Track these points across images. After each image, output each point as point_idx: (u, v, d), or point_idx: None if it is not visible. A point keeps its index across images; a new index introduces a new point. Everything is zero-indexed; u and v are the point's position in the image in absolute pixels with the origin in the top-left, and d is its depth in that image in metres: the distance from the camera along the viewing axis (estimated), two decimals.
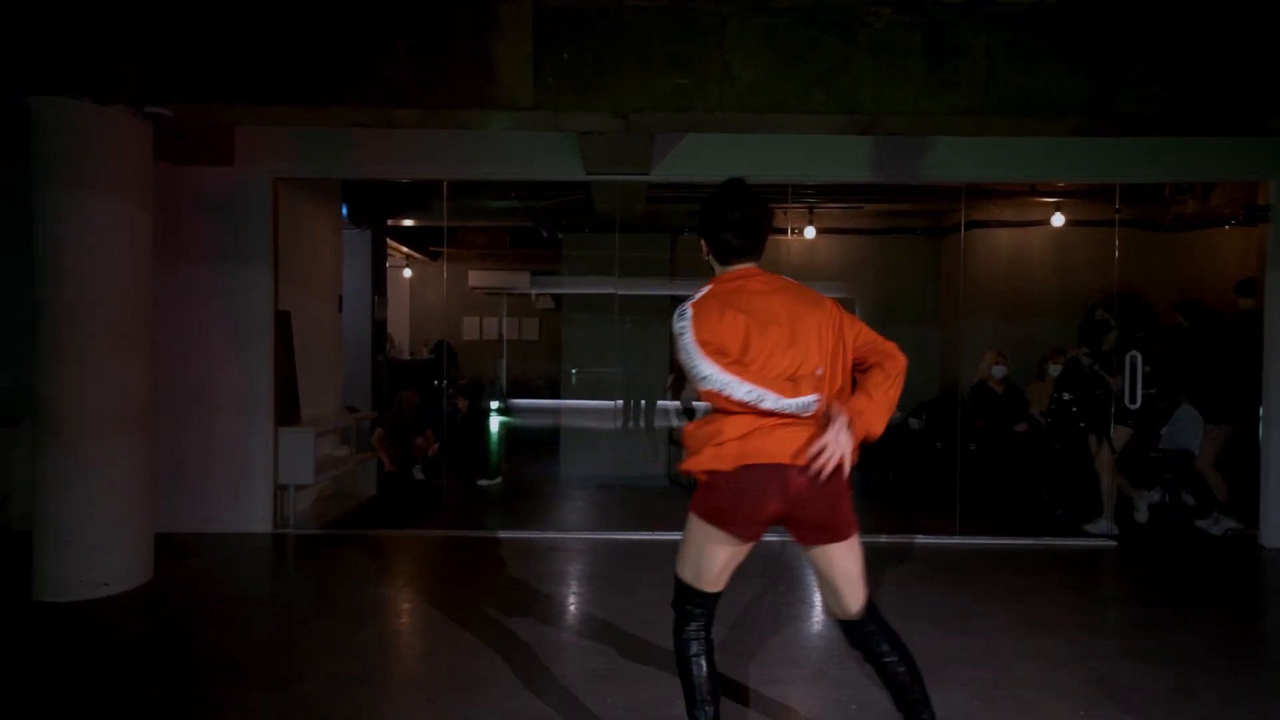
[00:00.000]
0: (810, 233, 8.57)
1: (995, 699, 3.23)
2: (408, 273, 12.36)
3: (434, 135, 5.76)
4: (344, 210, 7.66)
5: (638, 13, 4.30)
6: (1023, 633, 3.96)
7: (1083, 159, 5.74)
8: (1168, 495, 6.49)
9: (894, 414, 2.34)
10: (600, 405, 7.79)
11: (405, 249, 11.05)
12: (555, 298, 10.90)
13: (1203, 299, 6.95)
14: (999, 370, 7.28)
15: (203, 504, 5.73)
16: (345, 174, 6.33)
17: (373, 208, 8.59)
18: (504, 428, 8.55)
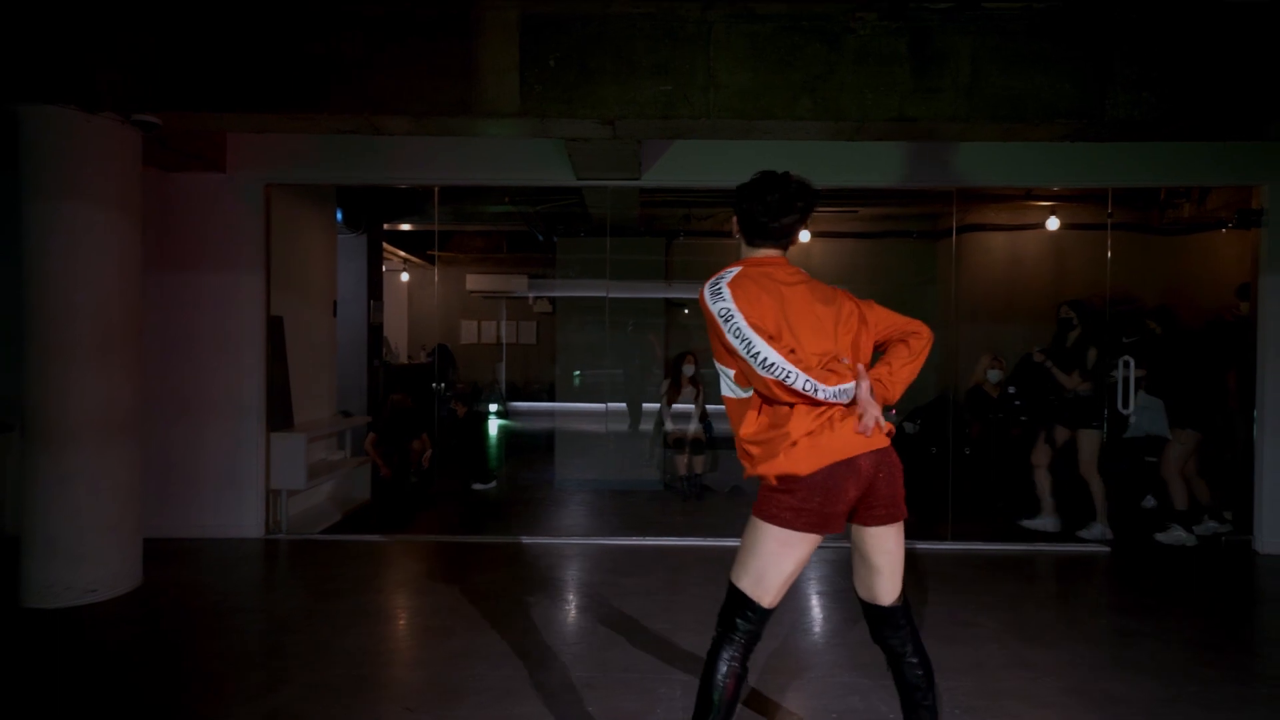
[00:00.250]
0: (805, 236, 8.55)
1: (976, 709, 3.21)
2: (405, 277, 12.38)
3: (426, 141, 5.76)
4: (339, 215, 7.67)
5: (622, 20, 4.30)
6: (1009, 642, 3.94)
7: (1075, 163, 5.72)
8: (1152, 499, 6.47)
9: (889, 418, 2.36)
10: (603, 409, 7.80)
11: (403, 253, 11.07)
12: (551, 301, 10.92)
13: (1177, 305, 6.96)
14: (994, 374, 7.27)
15: (194, 509, 5.73)
16: (337, 180, 6.34)
17: (368, 212, 8.60)
18: (501, 431, 8.56)
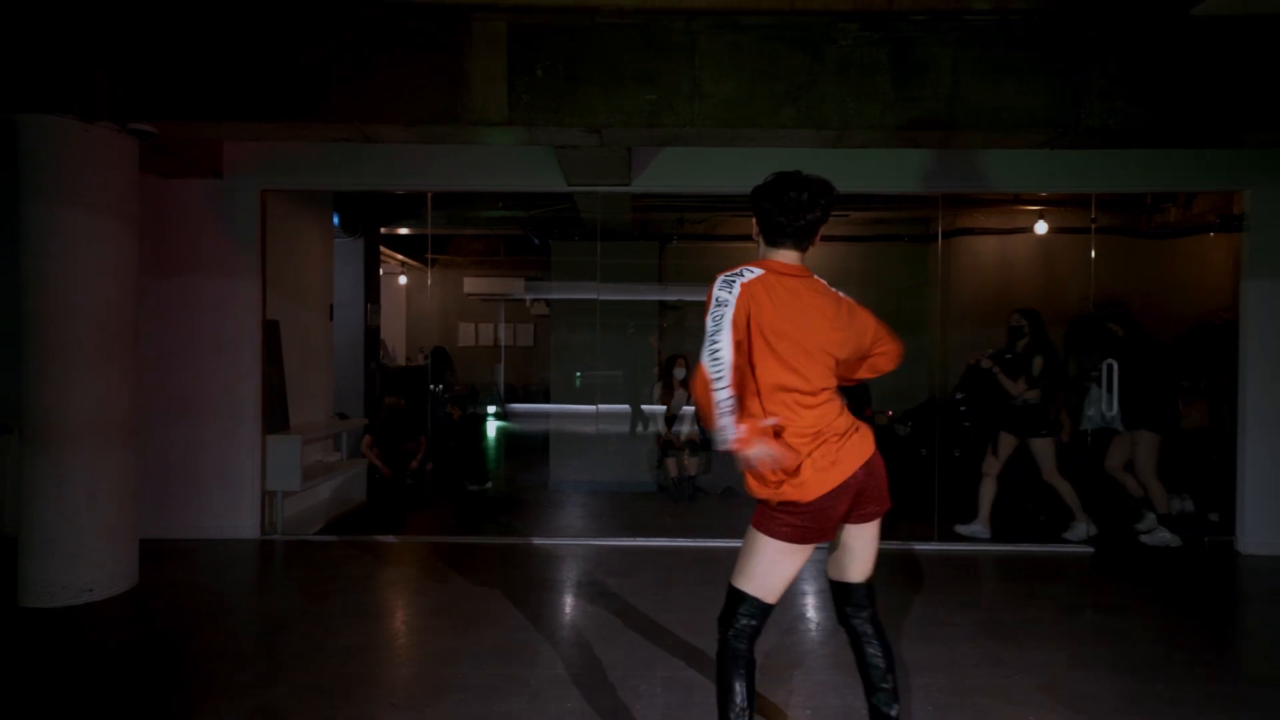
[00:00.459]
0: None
1: (947, 705, 3.29)
2: (403, 280, 12.47)
3: (420, 148, 5.85)
4: (335, 219, 7.76)
5: (608, 31, 4.39)
6: (985, 640, 4.01)
7: (1059, 169, 5.79)
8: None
9: (880, 419, 2.45)
10: (607, 410, 7.89)
11: (400, 256, 11.16)
12: (548, 304, 11.01)
13: (1162, 308, 7.06)
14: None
15: (191, 510, 5.82)
16: (332, 185, 6.42)
17: (365, 216, 8.69)
18: (499, 432, 8.64)
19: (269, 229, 6.02)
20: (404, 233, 10.05)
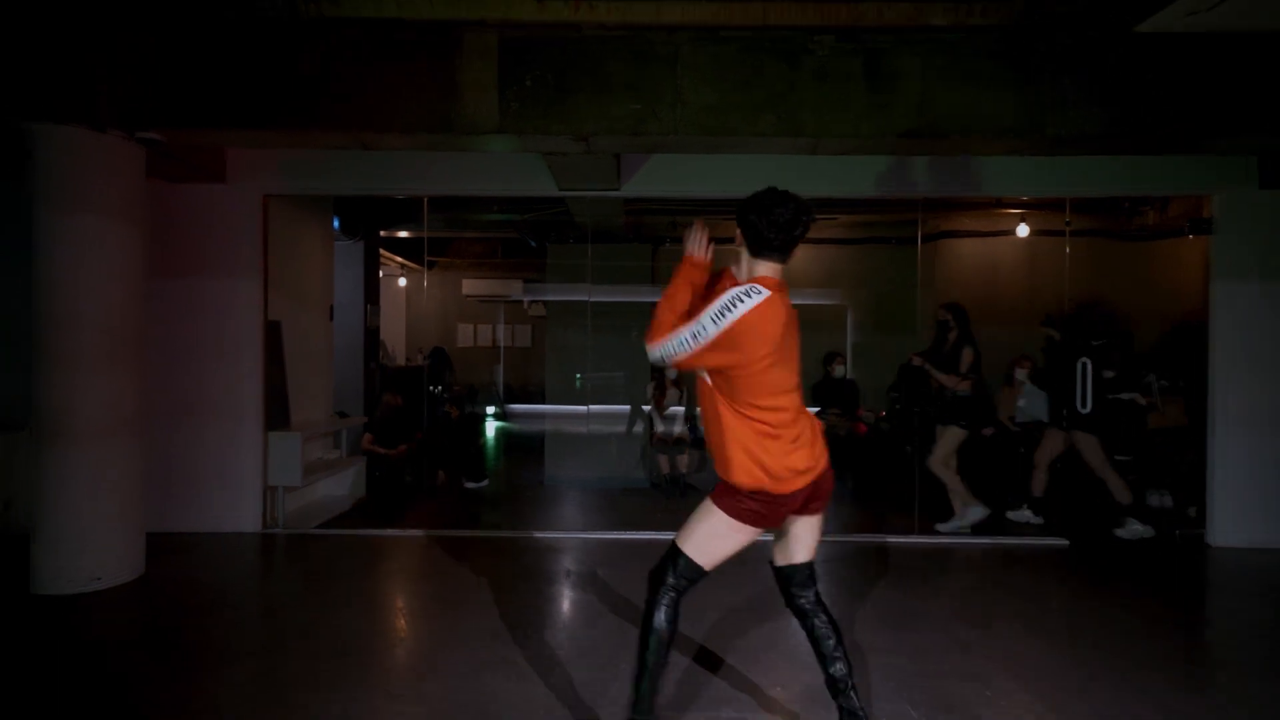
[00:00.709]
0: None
1: (911, 685, 3.48)
2: (402, 282, 12.67)
3: (417, 154, 6.04)
4: (336, 223, 7.96)
5: (595, 42, 4.58)
6: (953, 626, 4.20)
7: (1033, 174, 5.98)
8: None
9: (869, 418, 2.61)
10: (599, 410, 8.08)
11: (400, 259, 11.36)
12: (545, 305, 11.20)
13: (1140, 309, 7.24)
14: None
15: (195, 505, 6.02)
16: (332, 190, 6.63)
17: (365, 220, 8.90)
18: (497, 432, 8.83)
19: (271, 232, 6.22)
20: (403, 236, 10.26)
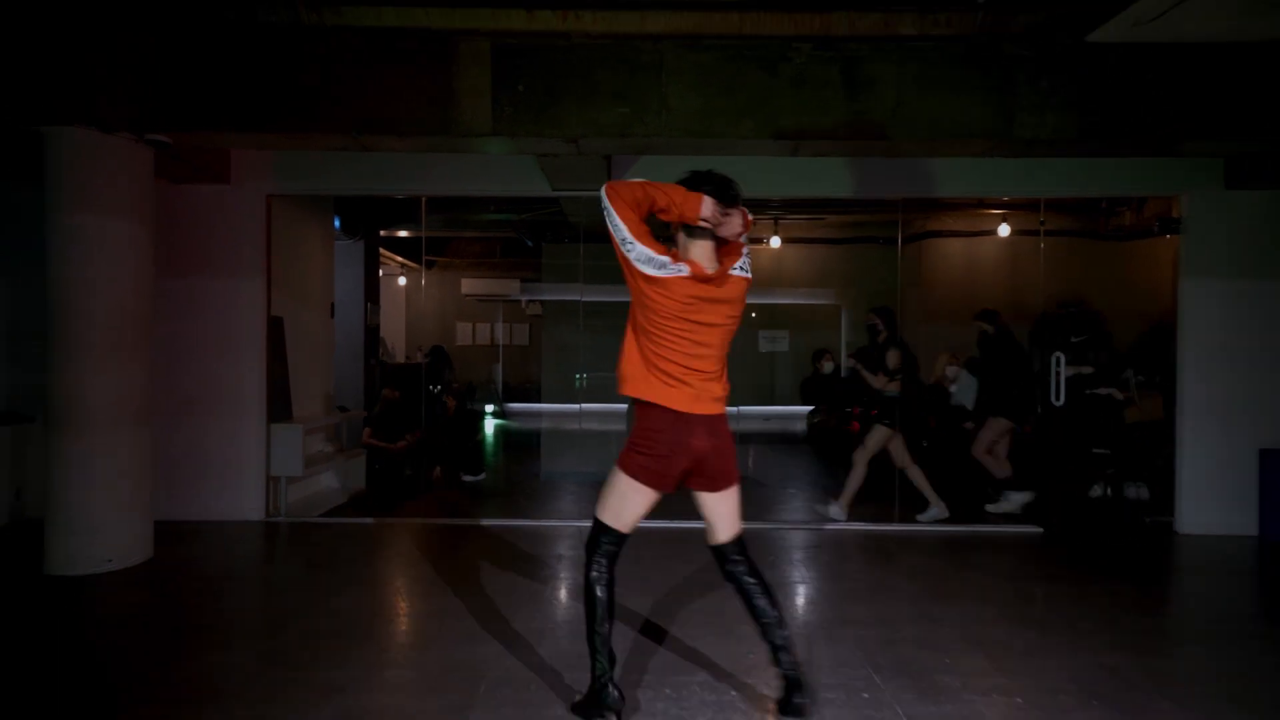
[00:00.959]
0: (775, 242, 9.08)
1: (874, 651, 3.70)
2: (402, 281, 12.91)
3: (415, 155, 6.27)
4: (337, 222, 8.20)
5: (584, 49, 4.81)
6: (920, 602, 4.43)
7: (1008, 175, 6.21)
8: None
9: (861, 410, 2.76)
10: (591, 409, 8.31)
11: (399, 258, 11.60)
12: (542, 304, 11.43)
13: (1117, 306, 7.53)
14: (952, 371, 7.77)
15: (200, 494, 6.25)
16: (333, 190, 6.86)
17: (365, 220, 9.14)
18: (496, 429, 9.04)
19: (274, 232, 6.45)
20: (402, 235, 10.50)
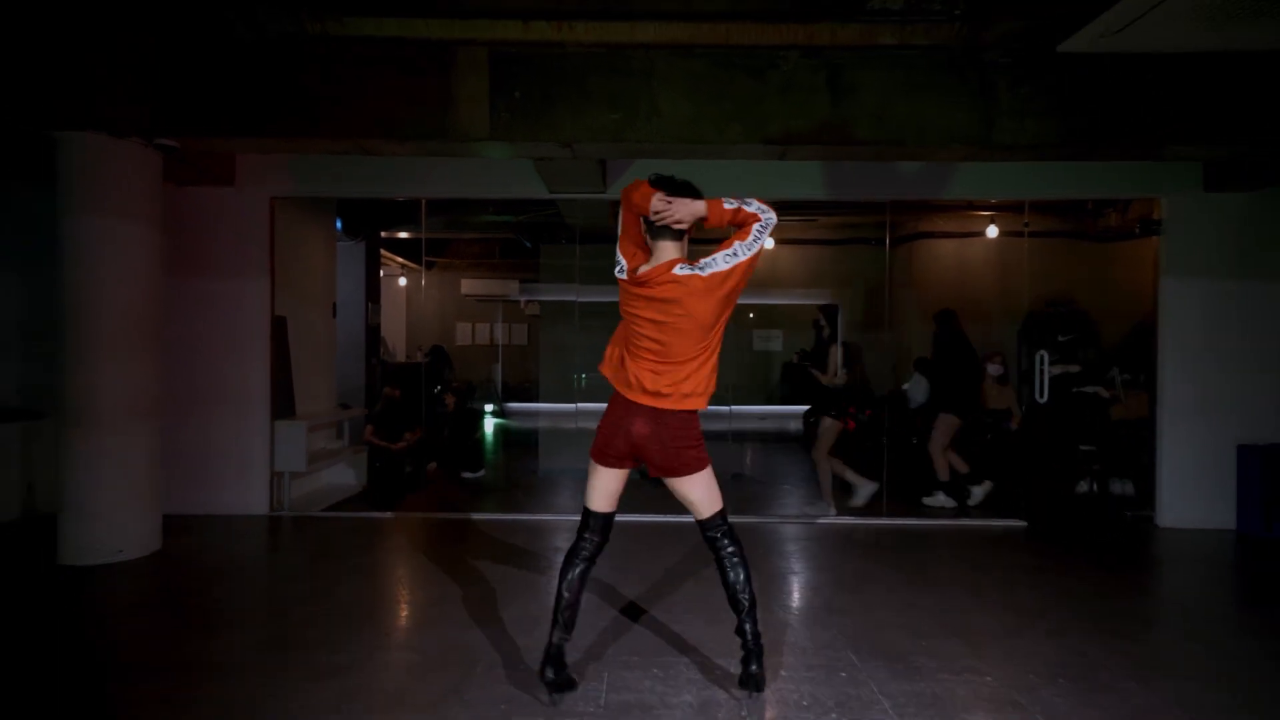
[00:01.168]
0: (770, 244, 9.24)
1: (854, 634, 3.87)
2: (403, 281, 13.07)
3: (415, 159, 6.44)
4: (339, 224, 8.37)
5: (578, 57, 4.98)
6: (903, 591, 4.60)
7: (994, 178, 6.37)
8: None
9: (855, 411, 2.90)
10: (586, 409, 8.47)
11: (400, 259, 11.77)
12: (540, 304, 11.59)
13: (1101, 306, 7.69)
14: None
15: (206, 489, 6.41)
16: (335, 193, 7.03)
17: (367, 221, 9.31)
18: (496, 428, 9.19)
19: (277, 233, 6.62)
20: (403, 236, 10.67)
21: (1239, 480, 6.22)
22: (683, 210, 3.00)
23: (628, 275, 3.08)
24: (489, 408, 12.56)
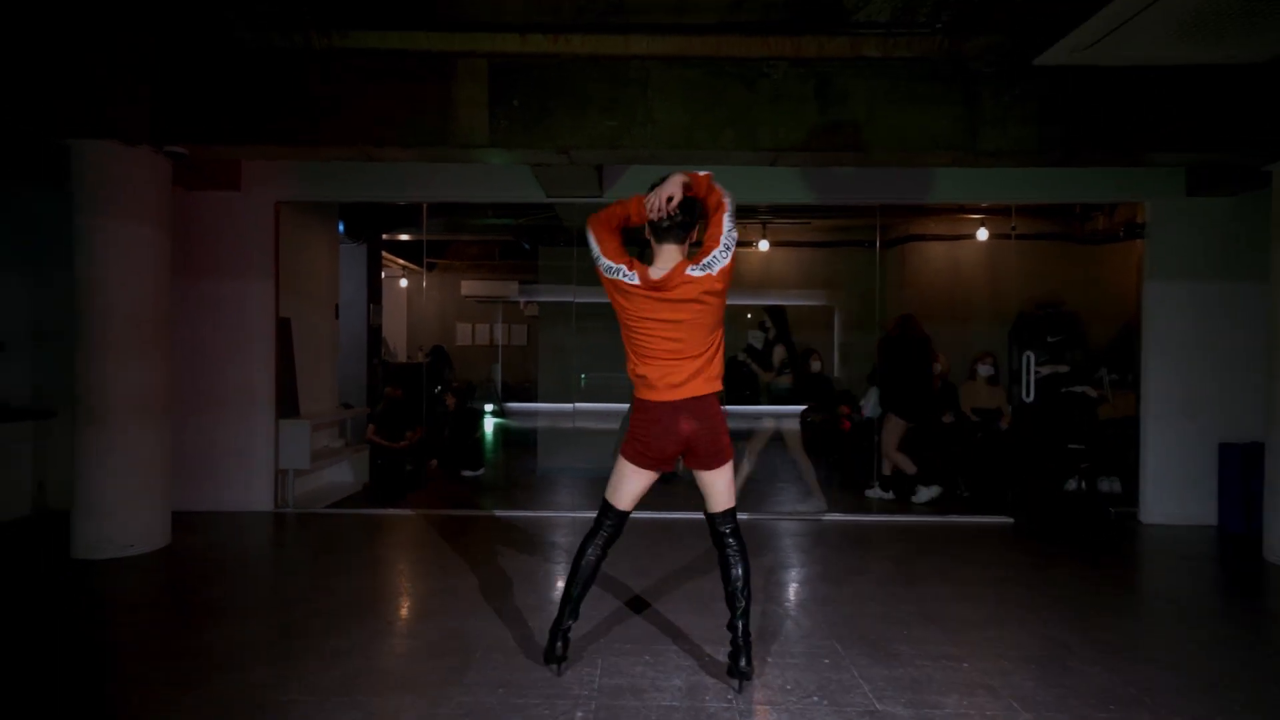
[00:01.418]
0: (764, 245, 9.40)
1: (839, 624, 4.03)
2: (404, 283, 13.23)
3: (416, 164, 6.60)
4: (341, 227, 8.53)
5: (574, 65, 5.13)
6: (887, 583, 4.75)
7: (982, 182, 6.53)
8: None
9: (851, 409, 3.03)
10: (584, 408, 8.63)
11: (401, 261, 11.93)
12: (538, 305, 11.74)
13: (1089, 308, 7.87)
14: (935, 369, 8.08)
15: (213, 486, 6.57)
16: (339, 197, 7.18)
17: (369, 225, 9.47)
18: (495, 427, 9.34)
19: (282, 236, 6.78)
20: (404, 239, 10.83)
21: (1220, 478, 6.37)
22: (669, 186, 3.17)
23: (641, 282, 3.17)
24: (489, 407, 12.72)
